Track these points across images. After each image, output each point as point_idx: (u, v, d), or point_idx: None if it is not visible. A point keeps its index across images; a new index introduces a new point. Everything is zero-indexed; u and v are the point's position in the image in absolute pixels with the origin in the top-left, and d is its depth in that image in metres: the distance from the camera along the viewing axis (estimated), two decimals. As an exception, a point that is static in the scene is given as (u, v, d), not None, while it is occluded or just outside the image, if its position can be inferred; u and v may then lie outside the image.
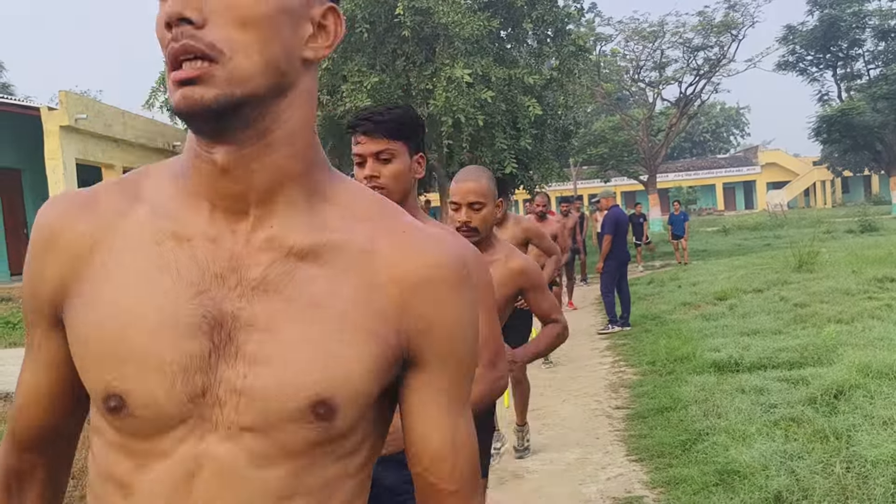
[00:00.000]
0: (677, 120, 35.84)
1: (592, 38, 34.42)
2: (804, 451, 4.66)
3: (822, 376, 6.03)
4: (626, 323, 10.74)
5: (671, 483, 4.72)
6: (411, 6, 17.34)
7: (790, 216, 38.79)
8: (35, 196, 16.93)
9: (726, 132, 78.41)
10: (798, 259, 14.02)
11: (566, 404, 7.11)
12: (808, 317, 9.16)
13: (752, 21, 33.65)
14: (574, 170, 48.72)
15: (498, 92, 18.24)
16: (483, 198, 2.86)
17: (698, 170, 66.50)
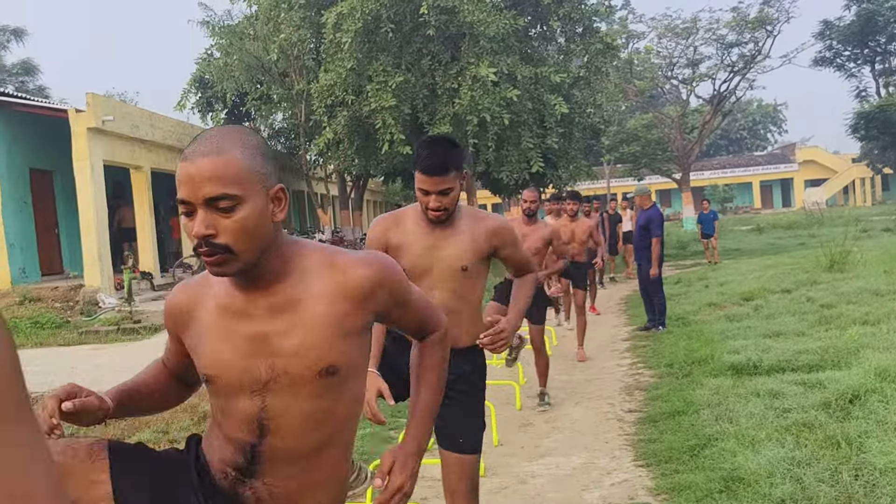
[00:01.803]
0: (711, 117, 35.41)
1: (625, 35, 34.14)
2: (813, 458, 4.53)
3: (839, 380, 5.87)
4: (662, 323, 10.54)
5: (675, 490, 4.61)
6: (436, 5, 17.31)
7: (828, 214, 38.12)
8: (65, 198, 17.15)
9: (763, 129, 77.37)
10: (829, 258, 13.75)
11: (578, 407, 7.01)
12: (833, 318, 8.95)
13: (787, 16, 33.12)
14: (607, 168, 48.43)
15: (524, 90, 18.15)
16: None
17: (735, 167, 65.74)
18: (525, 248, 7.42)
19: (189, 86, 25.43)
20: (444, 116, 18.29)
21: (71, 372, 9.08)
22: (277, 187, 1.77)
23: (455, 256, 3.20)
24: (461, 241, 3.21)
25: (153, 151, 17.56)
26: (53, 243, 17.38)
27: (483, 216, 3.34)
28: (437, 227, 3.21)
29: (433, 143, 3.15)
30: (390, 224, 3.32)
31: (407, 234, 3.25)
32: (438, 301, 3.09)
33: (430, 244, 3.22)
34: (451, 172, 3.06)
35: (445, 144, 3.14)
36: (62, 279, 16.46)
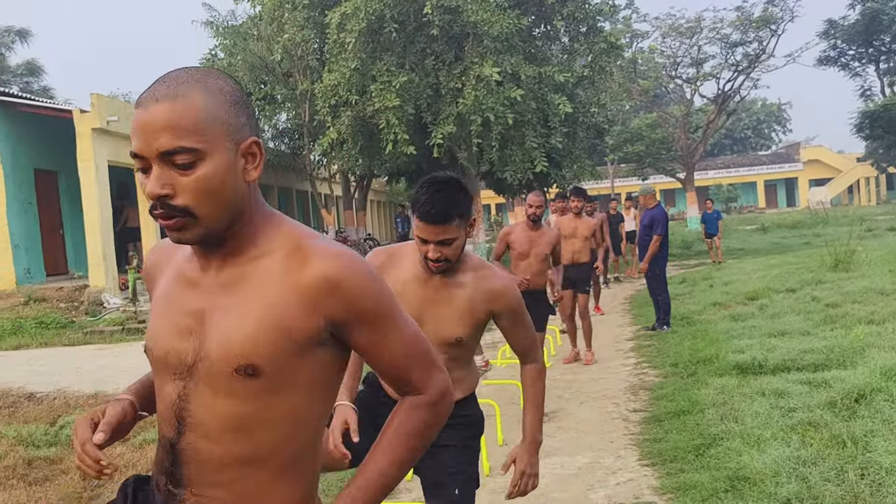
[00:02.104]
0: (715, 117, 35.34)
1: (629, 34, 34.10)
2: (818, 457, 4.52)
3: (845, 379, 5.86)
4: (666, 323, 10.52)
5: (681, 489, 4.60)
6: (440, 5, 17.30)
7: (832, 214, 38.05)
8: (70, 198, 17.17)
9: (768, 129, 77.26)
10: (834, 258, 13.72)
11: (583, 407, 7.01)
12: (838, 317, 8.94)
13: (791, 16, 33.03)
14: (611, 168, 48.40)
15: (528, 90, 18.13)
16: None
17: (739, 167, 65.66)
18: (533, 255, 6.88)
19: (194, 86, 25.37)
20: (447, 116, 18.29)
21: (76, 372, 9.09)
22: (250, 140, 1.49)
23: (449, 325, 2.79)
24: (459, 305, 2.79)
25: (157, 152, 17.55)
26: (58, 244, 17.40)
27: (488, 273, 2.84)
28: (437, 277, 2.83)
29: (434, 185, 2.70)
30: (385, 262, 2.95)
31: (401, 279, 2.86)
32: None
33: (427, 296, 2.83)
34: (453, 221, 2.67)
35: (449, 188, 2.70)
36: (67, 279, 16.48)
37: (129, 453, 5.76)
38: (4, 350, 11.31)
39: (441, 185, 2.69)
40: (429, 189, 2.69)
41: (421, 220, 2.67)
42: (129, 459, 5.58)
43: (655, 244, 10.41)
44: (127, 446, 5.89)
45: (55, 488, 5.12)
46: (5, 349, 11.36)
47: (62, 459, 5.73)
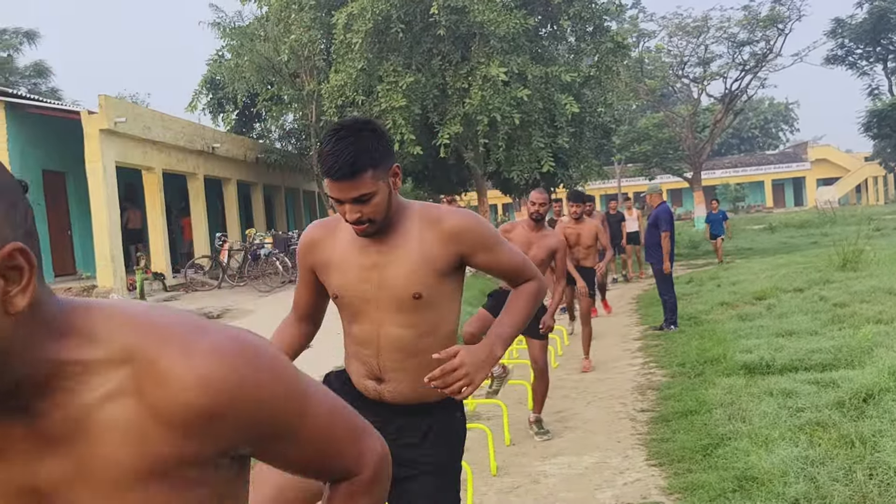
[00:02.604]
0: (722, 116, 35.27)
1: (635, 34, 34.05)
2: (826, 457, 4.51)
3: (853, 379, 5.84)
4: (673, 322, 10.50)
5: (688, 489, 4.60)
6: (447, 5, 17.30)
7: (840, 213, 37.93)
8: (78, 199, 17.23)
9: (775, 128, 77.00)
10: (842, 257, 13.68)
11: (591, 407, 7.00)
12: (846, 317, 8.91)
13: (798, 15, 32.96)
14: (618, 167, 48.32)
15: (534, 90, 18.12)
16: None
17: (746, 166, 65.48)
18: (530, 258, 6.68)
19: (200, 87, 25.54)
20: (454, 116, 18.29)
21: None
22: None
23: (401, 280, 2.37)
24: (408, 257, 2.38)
25: (165, 152, 17.61)
26: (66, 244, 17.45)
27: (438, 215, 2.44)
28: (378, 238, 2.41)
29: (338, 133, 2.27)
30: (321, 235, 2.54)
31: (338, 251, 2.48)
32: (389, 342, 2.42)
33: (371, 263, 2.42)
34: (365, 172, 2.24)
35: (356, 134, 2.26)
36: (75, 280, 16.54)
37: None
38: (13, 350, 11.35)
39: (346, 132, 2.26)
40: (331, 138, 2.26)
41: (325, 175, 2.27)
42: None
43: (666, 241, 10.39)
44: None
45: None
46: (14, 349, 11.40)
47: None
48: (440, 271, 2.39)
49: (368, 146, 2.25)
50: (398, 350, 2.41)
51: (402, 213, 2.43)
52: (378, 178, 2.28)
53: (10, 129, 15.40)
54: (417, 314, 2.39)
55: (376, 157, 2.27)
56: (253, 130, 29.08)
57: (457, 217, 2.43)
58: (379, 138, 2.31)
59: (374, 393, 2.49)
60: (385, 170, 2.32)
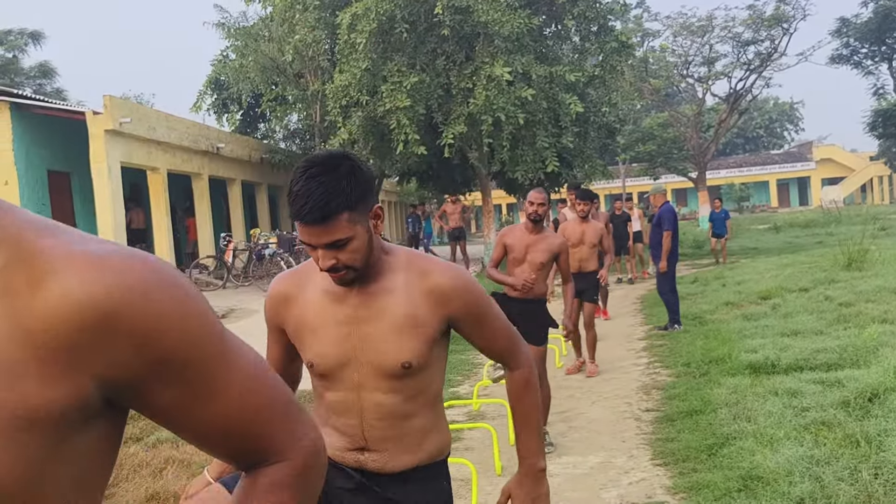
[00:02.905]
0: (727, 116, 35.21)
1: (640, 33, 34.03)
2: (832, 457, 4.50)
3: (858, 379, 5.83)
4: (676, 322, 10.48)
5: (694, 489, 4.60)
6: (451, 5, 17.31)
7: (845, 213, 37.84)
8: (83, 199, 17.26)
9: (780, 128, 76.90)
10: (847, 257, 13.65)
11: (595, 406, 7.00)
12: (851, 317, 8.89)
13: (803, 14, 32.87)
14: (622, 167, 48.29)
15: (539, 90, 18.12)
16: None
17: (751, 166, 65.42)
18: (528, 262, 5.85)
19: (205, 87, 25.60)
20: (458, 116, 18.29)
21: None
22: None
23: (388, 345, 2.07)
24: (393, 316, 2.07)
25: (170, 153, 17.64)
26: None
27: (426, 266, 2.13)
28: (357, 287, 2.10)
29: (308, 171, 1.95)
30: (292, 289, 2.21)
31: (312, 302, 2.15)
32: (372, 409, 2.13)
33: (347, 317, 2.10)
34: (340, 215, 1.94)
35: (328, 172, 1.94)
36: (80, 280, 16.55)
37: (143, 453, 5.79)
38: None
39: (319, 170, 1.95)
40: (302, 176, 1.95)
41: (295, 218, 1.97)
42: (143, 459, 5.60)
43: (667, 240, 10.38)
44: (140, 446, 5.92)
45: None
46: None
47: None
48: (429, 336, 2.08)
49: (344, 186, 1.93)
50: (383, 418, 2.11)
51: (386, 260, 2.12)
52: (355, 221, 1.97)
53: (15, 129, 15.43)
54: (404, 381, 2.09)
55: (353, 198, 1.95)
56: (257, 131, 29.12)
57: (448, 275, 2.10)
58: (356, 175, 1.97)
59: (355, 463, 2.19)
60: (363, 211, 2.00)
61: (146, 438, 6.06)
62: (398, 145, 18.05)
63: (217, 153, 20.22)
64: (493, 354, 2.27)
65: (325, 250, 1.98)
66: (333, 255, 1.99)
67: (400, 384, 2.09)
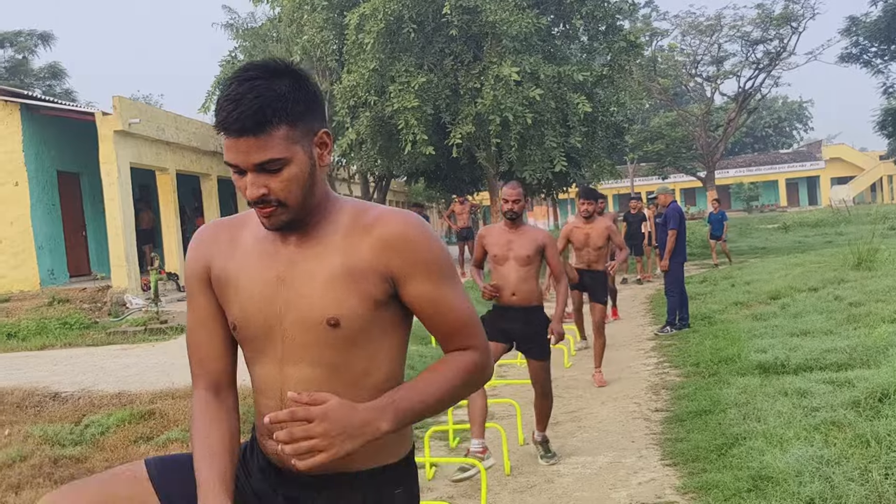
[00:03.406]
0: (736, 115, 35.16)
1: (648, 33, 33.99)
2: (842, 457, 4.49)
3: (869, 378, 5.81)
4: (685, 324, 10.46)
5: (703, 488, 4.59)
6: (459, 5, 17.32)
7: (855, 212, 37.70)
8: (92, 199, 17.32)
9: (789, 127, 76.69)
10: (857, 257, 13.60)
11: (604, 406, 6.99)
12: (861, 316, 8.85)
13: (812, 13, 32.85)
14: (631, 167, 48.22)
15: (547, 90, 18.11)
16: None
17: (760, 165, 65.28)
18: (513, 259, 5.39)
19: (213, 88, 25.62)
20: (466, 116, 18.30)
21: (100, 372, 9.17)
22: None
23: (312, 298, 1.70)
24: (325, 268, 1.71)
25: (178, 153, 17.69)
26: (81, 245, 17.55)
27: (374, 217, 1.74)
28: (290, 238, 1.75)
29: (244, 73, 1.62)
30: (217, 235, 1.87)
31: (238, 258, 1.80)
32: (297, 386, 1.70)
33: (276, 275, 1.74)
34: (276, 128, 1.59)
35: (267, 76, 1.61)
36: (90, 280, 16.62)
37: (153, 451, 5.81)
38: (29, 350, 11.42)
39: (255, 73, 1.62)
40: (234, 79, 1.62)
41: (219, 128, 1.61)
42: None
43: (671, 239, 10.38)
44: (151, 445, 5.94)
45: (81, 487, 5.16)
46: (30, 349, 11.47)
47: (87, 458, 5.79)
48: (368, 293, 1.69)
49: (284, 92, 1.60)
50: None
51: (329, 211, 1.76)
52: (295, 140, 1.62)
53: (25, 130, 15.50)
54: (333, 349, 1.69)
55: (294, 111, 1.61)
56: (266, 131, 29.15)
57: (397, 222, 1.72)
58: (301, 85, 1.64)
59: (274, 455, 1.79)
60: (306, 132, 1.65)
61: (156, 438, 6.08)
62: (406, 145, 18.07)
63: (226, 153, 20.24)
64: (442, 326, 1.77)
65: (255, 174, 1.62)
66: (264, 182, 1.63)
67: (328, 354, 1.69)
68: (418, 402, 1.67)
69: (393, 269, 1.69)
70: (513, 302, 5.42)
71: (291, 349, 1.71)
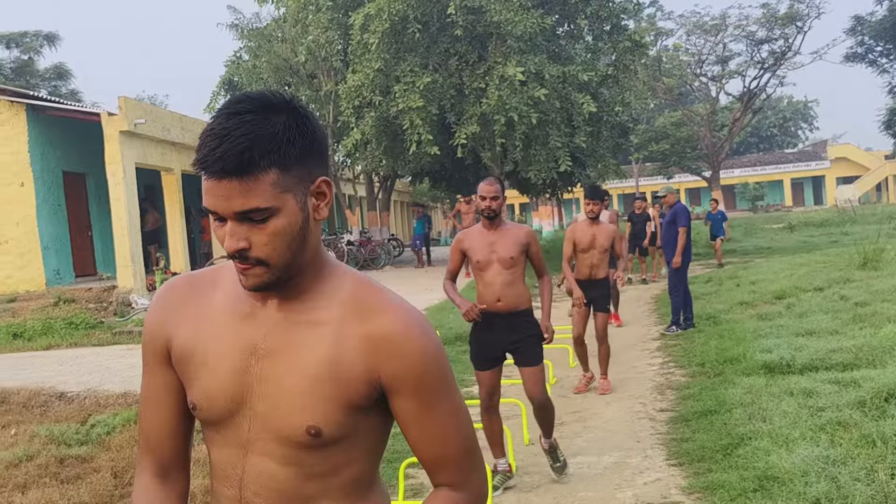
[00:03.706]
0: (741, 114, 35.10)
1: (653, 33, 33.97)
2: (848, 457, 4.48)
3: (874, 379, 5.80)
4: (690, 323, 10.44)
5: (709, 489, 4.59)
6: (463, 5, 17.33)
7: (860, 212, 37.62)
8: (98, 200, 17.36)
9: (794, 126, 76.61)
10: (863, 256, 13.58)
11: (610, 407, 6.99)
12: (867, 316, 8.84)
13: (817, 12, 32.77)
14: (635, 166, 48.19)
15: (552, 89, 18.12)
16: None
17: (765, 165, 65.23)
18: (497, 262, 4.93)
19: (218, 88, 25.69)
20: (471, 116, 18.31)
21: (106, 371, 9.20)
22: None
23: (291, 402, 1.39)
24: (309, 364, 1.39)
25: (184, 154, 17.72)
26: (87, 245, 17.59)
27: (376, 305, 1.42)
28: (266, 298, 1.44)
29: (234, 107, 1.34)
30: (180, 303, 1.53)
31: (205, 326, 1.48)
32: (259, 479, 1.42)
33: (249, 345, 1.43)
34: (264, 172, 1.31)
35: (260, 111, 1.33)
36: (95, 280, 16.66)
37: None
38: (35, 350, 11.45)
39: (246, 106, 1.34)
40: (222, 112, 1.35)
41: (197, 167, 1.33)
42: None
43: (683, 236, 10.36)
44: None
45: (87, 486, 5.18)
46: (36, 349, 11.50)
47: (93, 458, 5.80)
48: (351, 400, 1.39)
49: (278, 132, 1.32)
50: (269, 497, 1.42)
51: (324, 274, 1.46)
52: (286, 188, 1.34)
53: (31, 130, 15.54)
54: (307, 452, 1.41)
55: (290, 154, 1.33)
56: (271, 131, 29.20)
57: (399, 320, 1.40)
58: (300, 124, 1.36)
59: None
60: (302, 178, 1.36)
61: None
62: (411, 145, 18.09)
63: (231, 154, 20.29)
64: (430, 462, 1.45)
65: (236, 223, 1.34)
66: (245, 234, 1.34)
67: (302, 456, 1.41)
68: None
69: (383, 376, 1.39)
70: (498, 308, 4.96)
71: (260, 439, 1.42)
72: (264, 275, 1.37)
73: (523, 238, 5.00)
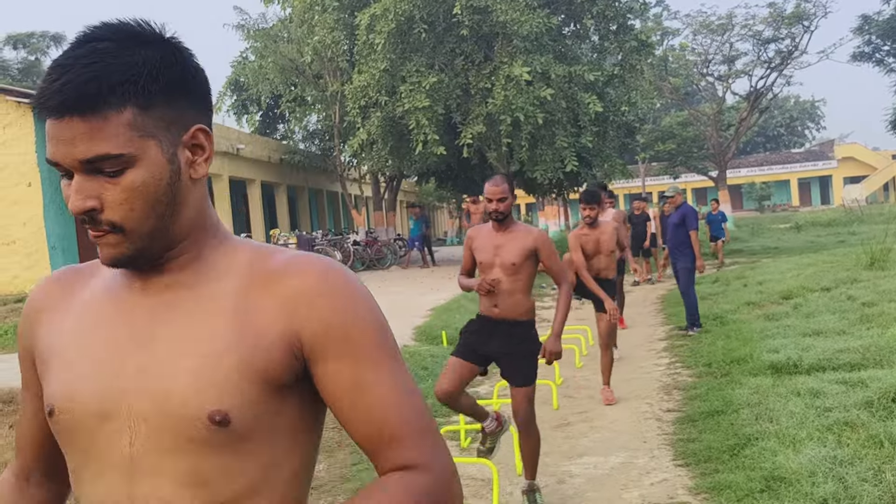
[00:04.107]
0: (748, 114, 34.99)
1: (659, 32, 33.92)
2: (855, 458, 4.47)
3: (882, 379, 5.78)
4: (695, 324, 10.42)
5: (716, 489, 4.58)
6: (469, 5, 17.33)
7: (867, 211, 37.49)
8: (105, 200, 17.43)
9: (801, 126, 76.40)
10: (870, 256, 13.53)
11: (616, 407, 6.98)
12: (874, 316, 8.81)
13: (824, 11, 32.62)
14: (642, 166, 48.11)
15: (558, 89, 18.10)
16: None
17: (772, 165, 65.08)
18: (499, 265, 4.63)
19: (224, 89, 25.75)
20: (477, 116, 18.31)
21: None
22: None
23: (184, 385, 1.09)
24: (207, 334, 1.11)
25: (190, 154, 17.79)
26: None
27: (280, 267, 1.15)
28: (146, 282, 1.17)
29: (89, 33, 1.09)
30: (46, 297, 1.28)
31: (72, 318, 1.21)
32: None
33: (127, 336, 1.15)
34: (116, 109, 1.04)
35: (117, 38, 1.08)
36: (102, 281, 16.70)
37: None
38: (42, 350, 11.51)
39: (104, 32, 1.10)
40: (74, 41, 1.09)
41: (35, 104, 1.09)
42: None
43: (696, 239, 10.37)
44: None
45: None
46: (43, 349, 11.56)
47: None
48: (270, 374, 1.11)
49: (137, 61, 1.06)
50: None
51: (210, 248, 1.19)
52: (148, 132, 1.07)
53: (38, 131, 15.58)
54: (214, 458, 1.09)
55: (153, 89, 1.07)
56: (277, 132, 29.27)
57: (315, 271, 1.15)
58: (172, 60, 1.11)
59: None
60: (171, 123, 1.10)
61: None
62: (417, 145, 18.10)
63: (237, 154, 20.34)
64: (371, 439, 1.12)
65: (83, 176, 1.07)
66: (95, 191, 1.07)
67: (207, 467, 1.09)
68: None
69: (304, 337, 1.11)
70: (494, 314, 4.66)
71: (147, 453, 1.09)
72: (121, 244, 1.10)
73: (530, 244, 4.59)
